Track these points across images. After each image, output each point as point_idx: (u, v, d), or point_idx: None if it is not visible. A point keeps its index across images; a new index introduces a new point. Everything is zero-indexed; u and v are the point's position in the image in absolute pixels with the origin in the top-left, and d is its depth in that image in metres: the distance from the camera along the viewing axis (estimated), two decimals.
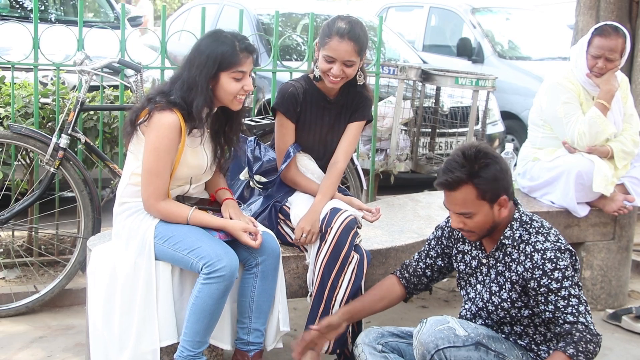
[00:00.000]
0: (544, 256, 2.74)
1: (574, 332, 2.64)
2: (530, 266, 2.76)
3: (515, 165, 4.70)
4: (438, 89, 6.15)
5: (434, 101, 6.21)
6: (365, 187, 4.76)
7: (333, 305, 3.25)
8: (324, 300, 3.26)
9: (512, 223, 2.86)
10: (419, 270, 3.16)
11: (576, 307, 2.68)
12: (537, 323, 2.83)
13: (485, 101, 6.10)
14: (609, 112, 4.30)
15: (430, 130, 6.28)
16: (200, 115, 3.04)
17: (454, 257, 3.07)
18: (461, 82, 5.71)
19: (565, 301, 2.68)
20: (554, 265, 2.72)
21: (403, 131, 6.03)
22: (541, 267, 2.73)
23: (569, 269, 2.73)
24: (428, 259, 3.15)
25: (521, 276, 2.78)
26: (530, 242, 2.80)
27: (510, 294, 2.82)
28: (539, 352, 2.85)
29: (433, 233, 3.18)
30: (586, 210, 4.39)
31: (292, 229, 3.38)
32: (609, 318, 4.39)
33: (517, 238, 2.84)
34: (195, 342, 3.01)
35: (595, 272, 4.53)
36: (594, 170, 4.22)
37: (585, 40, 4.32)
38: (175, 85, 3.07)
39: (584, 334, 2.63)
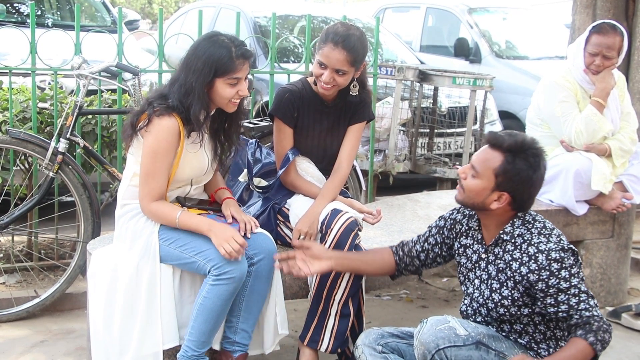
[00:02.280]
0: (549, 257, 2.74)
1: (592, 321, 2.69)
2: (536, 268, 2.75)
3: None
4: (436, 89, 6.16)
5: (432, 101, 6.23)
6: (364, 188, 4.77)
7: (331, 305, 3.26)
8: (323, 300, 3.26)
9: (514, 220, 2.86)
10: (414, 251, 3.16)
11: (587, 301, 2.72)
12: (537, 322, 2.84)
13: (483, 101, 6.12)
14: (606, 110, 4.31)
15: (428, 130, 6.29)
16: (197, 120, 3.06)
17: (456, 251, 3.07)
18: (459, 82, 5.73)
19: (577, 298, 2.71)
20: (560, 264, 2.73)
21: (401, 132, 6.04)
22: (547, 267, 2.73)
23: (574, 266, 2.75)
24: (426, 243, 3.15)
25: (525, 277, 2.78)
26: (532, 242, 2.80)
27: (512, 292, 2.82)
28: (539, 351, 2.86)
29: (436, 221, 3.17)
30: (585, 209, 4.40)
31: (292, 230, 3.38)
32: (608, 315, 4.39)
33: (516, 236, 2.84)
34: (201, 342, 3.03)
35: (594, 270, 4.54)
36: (592, 169, 4.23)
37: (583, 37, 4.33)
38: (173, 87, 3.08)
39: (601, 324, 2.69)
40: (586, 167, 4.24)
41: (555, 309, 2.74)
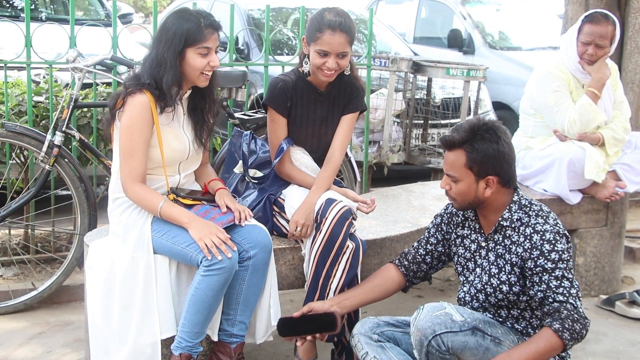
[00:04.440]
0: (543, 237, 2.78)
1: (562, 309, 2.68)
2: (529, 246, 2.80)
3: None
4: (429, 81, 6.17)
5: (426, 92, 6.24)
6: (359, 179, 4.79)
7: (327, 294, 3.27)
8: (319, 289, 3.28)
9: (511, 206, 2.90)
10: (419, 256, 3.19)
11: (568, 288, 2.72)
12: (534, 307, 2.87)
13: (476, 92, 6.13)
14: (599, 99, 4.33)
15: (422, 121, 6.31)
16: (170, 92, 3.09)
17: (453, 242, 3.10)
18: (452, 72, 5.74)
19: (558, 281, 2.73)
20: (551, 246, 2.76)
21: (395, 123, 6.06)
22: (539, 247, 2.77)
23: (565, 252, 2.77)
24: (428, 245, 3.19)
25: (520, 257, 2.83)
26: (530, 224, 2.84)
27: (509, 276, 2.85)
28: None
29: (432, 221, 3.21)
30: (578, 198, 4.43)
31: (288, 221, 3.40)
32: (602, 304, 4.43)
33: (515, 220, 2.88)
34: (194, 332, 3.05)
35: (588, 258, 4.57)
36: (586, 158, 4.25)
37: (576, 27, 4.35)
38: (145, 65, 3.14)
39: (572, 312, 2.67)
40: (580, 156, 4.27)
41: (536, 288, 2.76)
